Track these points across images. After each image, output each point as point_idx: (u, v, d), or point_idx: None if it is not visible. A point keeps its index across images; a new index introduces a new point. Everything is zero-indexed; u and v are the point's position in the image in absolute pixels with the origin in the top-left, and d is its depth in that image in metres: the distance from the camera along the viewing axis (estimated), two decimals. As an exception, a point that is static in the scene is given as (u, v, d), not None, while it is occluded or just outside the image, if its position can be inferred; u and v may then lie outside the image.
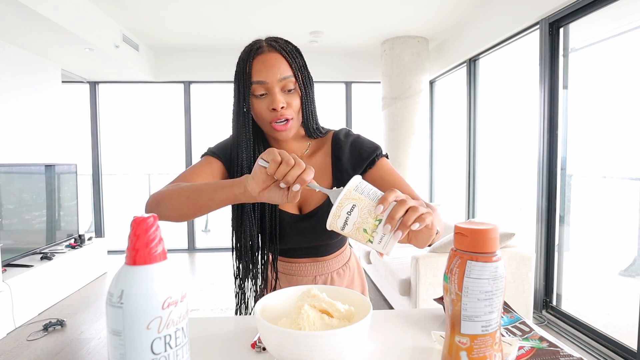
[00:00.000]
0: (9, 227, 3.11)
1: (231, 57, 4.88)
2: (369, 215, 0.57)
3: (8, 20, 2.79)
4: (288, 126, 0.87)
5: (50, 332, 2.69)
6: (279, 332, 0.51)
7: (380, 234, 0.56)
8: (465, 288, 0.49)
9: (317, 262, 0.98)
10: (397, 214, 0.55)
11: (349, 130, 1.00)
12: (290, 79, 0.85)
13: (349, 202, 0.57)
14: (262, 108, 0.86)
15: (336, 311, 0.59)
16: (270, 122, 0.86)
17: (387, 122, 4.45)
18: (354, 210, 0.57)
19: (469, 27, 3.83)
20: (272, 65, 0.84)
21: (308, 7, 3.53)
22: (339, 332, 0.51)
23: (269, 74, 0.83)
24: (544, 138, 2.79)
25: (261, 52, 0.85)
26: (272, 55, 0.85)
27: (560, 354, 0.58)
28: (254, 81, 0.84)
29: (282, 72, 0.84)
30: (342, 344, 0.51)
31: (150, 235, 0.40)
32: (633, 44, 2.38)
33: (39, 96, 3.71)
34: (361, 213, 0.57)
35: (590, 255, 2.83)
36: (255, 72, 0.84)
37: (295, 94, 0.87)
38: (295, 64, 0.86)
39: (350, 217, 0.57)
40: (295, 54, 0.88)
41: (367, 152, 0.92)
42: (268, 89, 0.84)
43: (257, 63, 0.84)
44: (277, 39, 0.88)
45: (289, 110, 0.86)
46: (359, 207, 0.57)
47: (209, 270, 4.27)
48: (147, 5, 3.46)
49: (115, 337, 0.39)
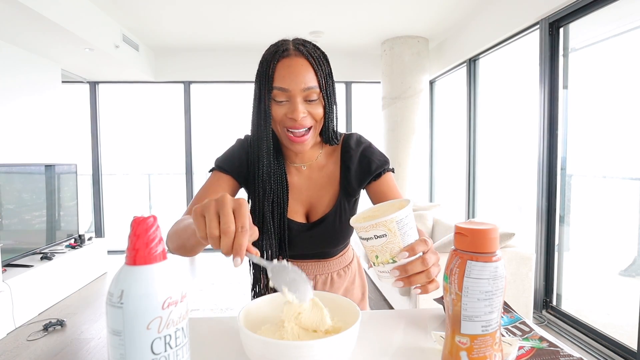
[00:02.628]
0: (9, 227, 3.11)
1: (231, 57, 4.86)
2: (390, 251, 0.56)
3: (8, 20, 2.79)
4: (306, 138, 0.83)
5: (50, 332, 2.69)
6: (261, 342, 0.48)
7: (386, 271, 0.57)
8: (465, 288, 0.49)
9: (319, 263, 0.98)
10: (411, 272, 0.56)
11: (360, 137, 0.96)
12: (315, 89, 0.80)
13: (384, 229, 0.55)
14: (281, 114, 0.81)
15: (322, 326, 0.57)
16: (286, 129, 0.83)
17: (387, 122, 4.45)
18: (381, 238, 0.56)
19: (469, 27, 3.83)
20: (297, 72, 0.78)
21: (308, 6, 3.53)
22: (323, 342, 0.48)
23: (292, 81, 0.78)
24: (544, 138, 2.79)
25: (287, 55, 0.80)
26: (299, 61, 0.79)
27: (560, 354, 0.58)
28: (276, 87, 0.79)
29: (306, 82, 0.79)
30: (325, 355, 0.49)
31: (150, 235, 0.40)
32: (633, 44, 2.37)
33: (39, 96, 3.71)
34: (385, 244, 0.56)
35: (590, 255, 2.83)
36: (278, 77, 0.79)
37: (318, 103, 0.82)
38: (322, 73, 0.81)
39: (376, 241, 0.56)
40: (322, 61, 0.82)
41: (376, 164, 0.90)
42: (290, 96, 0.80)
43: (282, 67, 0.79)
44: (305, 42, 0.82)
45: (308, 119, 0.81)
46: (387, 240, 0.56)
47: (209, 270, 4.27)
48: (146, 5, 3.46)
49: (115, 337, 0.39)
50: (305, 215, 0.95)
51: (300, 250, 0.94)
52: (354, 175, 0.91)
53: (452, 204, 4.52)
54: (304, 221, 0.94)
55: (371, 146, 0.95)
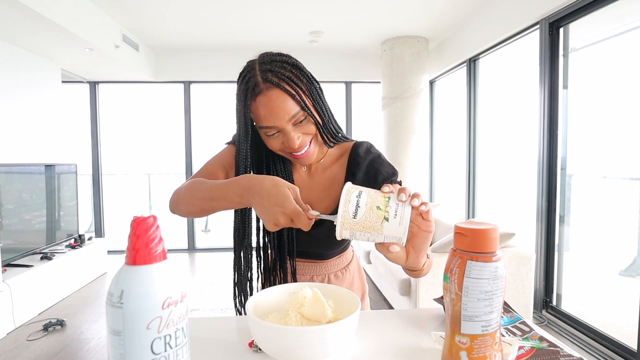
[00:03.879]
0: (9, 227, 3.11)
1: (231, 57, 4.86)
2: (377, 194, 0.59)
3: (8, 20, 2.79)
4: (309, 151, 0.84)
5: (50, 332, 2.69)
6: (269, 328, 0.53)
7: (394, 206, 0.58)
8: (465, 288, 0.49)
9: (316, 263, 0.98)
10: (406, 191, 0.58)
11: (371, 146, 0.96)
12: (299, 113, 0.77)
13: (355, 189, 0.59)
14: (278, 144, 0.82)
15: (324, 318, 0.60)
16: (290, 154, 0.84)
17: (387, 122, 4.45)
18: (362, 195, 0.58)
19: (469, 27, 3.83)
20: (276, 108, 0.76)
21: (308, 6, 3.53)
22: (324, 328, 0.52)
23: (275, 118, 0.76)
24: (544, 138, 2.79)
25: (259, 91, 0.76)
26: (273, 95, 0.76)
27: (560, 354, 0.58)
28: (262, 126, 0.79)
29: (289, 112, 0.76)
30: (327, 340, 0.52)
31: (150, 235, 0.40)
32: (633, 44, 2.37)
33: (39, 96, 3.71)
34: (370, 194, 0.59)
35: (590, 255, 2.83)
36: (260, 118, 0.78)
37: (308, 121, 0.81)
38: (300, 91, 0.77)
39: (361, 199, 0.58)
40: (295, 79, 0.77)
41: (383, 175, 0.89)
42: (279, 129, 0.79)
43: (260, 107, 0.77)
44: (272, 66, 0.76)
45: (305, 138, 0.81)
46: (366, 191, 0.59)
47: (209, 270, 4.27)
48: (147, 5, 3.46)
49: (115, 337, 0.39)
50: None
51: (298, 247, 0.94)
52: (358, 183, 0.90)
53: (452, 204, 4.52)
54: None
55: (380, 156, 0.93)
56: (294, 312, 0.60)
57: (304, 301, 0.61)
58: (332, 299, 0.64)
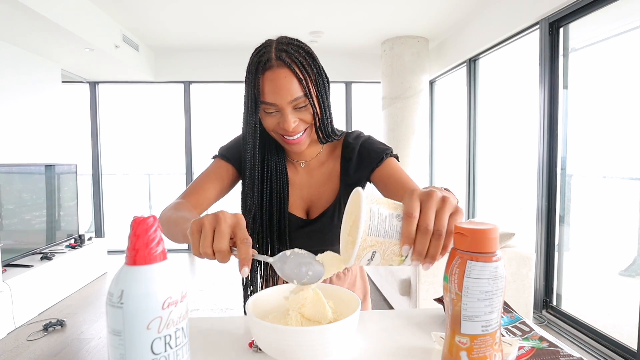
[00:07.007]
0: (9, 227, 3.11)
1: (231, 57, 4.86)
2: (393, 255, 0.50)
3: (8, 20, 2.79)
4: (301, 139, 0.84)
5: (50, 332, 2.69)
6: (269, 328, 0.53)
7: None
8: (465, 288, 0.49)
9: None
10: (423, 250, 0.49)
11: (361, 132, 0.97)
12: (301, 98, 0.79)
13: (367, 251, 0.49)
14: (273, 124, 0.82)
15: (324, 319, 0.60)
16: (282, 136, 0.84)
17: (387, 122, 4.45)
18: (375, 257, 0.50)
19: (469, 27, 3.83)
20: (281, 86, 0.77)
21: (308, 6, 3.53)
22: (324, 328, 0.52)
23: (277, 95, 0.78)
24: (544, 138, 2.79)
25: (269, 67, 0.78)
26: (281, 73, 0.77)
27: (560, 354, 0.58)
28: (264, 101, 0.80)
29: (292, 93, 0.78)
30: (327, 340, 0.52)
31: (150, 235, 0.40)
32: (633, 44, 2.37)
33: (39, 96, 3.71)
34: (384, 256, 0.50)
35: (590, 255, 2.83)
36: (264, 92, 0.79)
37: (307, 109, 0.82)
38: (308, 78, 0.79)
39: (373, 262, 0.50)
40: (306, 65, 0.80)
41: (376, 152, 0.90)
42: (279, 109, 0.80)
43: (266, 82, 0.79)
44: (288, 48, 0.79)
45: (300, 125, 0.82)
46: (380, 252, 0.50)
47: (209, 270, 4.27)
48: (147, 6, 3.46)
49: (115, 337, 0.39)
50: (306, 212, 0.95)
51: (298, 246, 0.95)
52: (354, 166, 0.91)
53: (452, 204, 4.51)
54: (303, 217, 0.95)
55: (370, 138, 0.95)
56: (295, 312, 0.60)
57: (304, 301, 0.61)
58: (332, 299, 0.64)
